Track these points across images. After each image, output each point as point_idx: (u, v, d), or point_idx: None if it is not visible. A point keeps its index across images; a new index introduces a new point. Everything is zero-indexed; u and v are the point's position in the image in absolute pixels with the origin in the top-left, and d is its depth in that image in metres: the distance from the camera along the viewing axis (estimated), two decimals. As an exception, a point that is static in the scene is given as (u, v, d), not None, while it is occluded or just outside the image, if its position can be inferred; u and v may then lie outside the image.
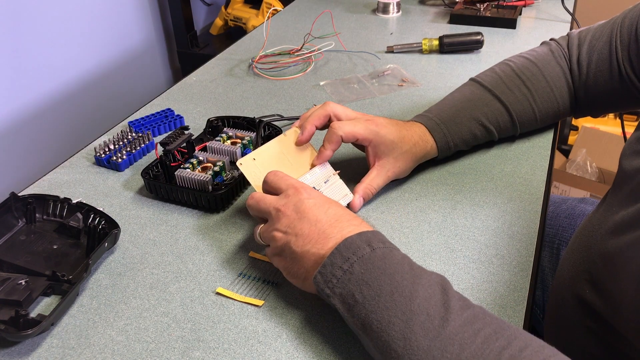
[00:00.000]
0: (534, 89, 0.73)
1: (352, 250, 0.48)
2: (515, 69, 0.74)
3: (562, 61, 0.75)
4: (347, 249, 0.48)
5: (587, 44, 0.73)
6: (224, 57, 1.09)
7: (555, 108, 0.75)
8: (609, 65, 0.71)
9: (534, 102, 0.73)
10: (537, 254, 0.60)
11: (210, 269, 0.60)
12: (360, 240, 0.49)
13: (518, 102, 0.73)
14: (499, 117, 0.72)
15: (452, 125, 0.70)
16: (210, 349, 0.51)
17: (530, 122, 0.75)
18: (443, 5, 1.30)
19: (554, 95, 0.74)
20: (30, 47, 1.44)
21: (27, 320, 0.51)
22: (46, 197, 0.65)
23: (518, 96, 0.73)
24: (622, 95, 0.72)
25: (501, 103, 0.72)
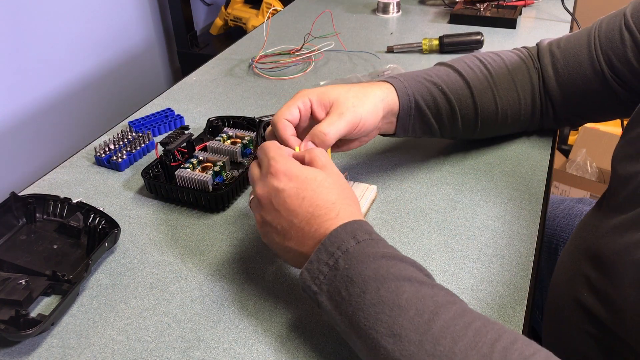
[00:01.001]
0: (496, 74, 0.71)
1: (336, 244, 0.46)
2: (480, 57, 0.73)
3: (529, 62, 0.73)
4: (331, 243, 0.47)
5: (560, 50, 0.71)
6: (224, 57, 1.09)
7: (516, 101, 0.71)
8: (591, 69, 0.69)
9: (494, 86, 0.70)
10: (537, 254, 0.60)
11: (210, 269, 0.60)
12: (345, 233, 0.47)
13: (479, 82, 0.70)
14: (459, 90, 0.69)
15: (411, 81, 0.67)
16: (210, 349, 0.51)
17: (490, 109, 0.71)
18: (443, 5, 1.30)
19: (515, 87, 0.71)
20: (30, 47, 1.44)
21: (27, 320, 0.51)
22: (46, 197, 0.65)
23: (480, 77, 0.70)
24: (603, 99, 0.70)
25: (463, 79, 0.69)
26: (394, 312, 0.42)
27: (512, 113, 0.72)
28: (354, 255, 0.46)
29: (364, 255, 0.46)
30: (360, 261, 0.45)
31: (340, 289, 0.45)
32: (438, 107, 0.68)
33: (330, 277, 0.46)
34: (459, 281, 0.56)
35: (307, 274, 0.47)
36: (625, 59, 0.66)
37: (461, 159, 0.75)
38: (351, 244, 0.46)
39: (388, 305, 0.42)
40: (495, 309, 0.53)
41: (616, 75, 0.67)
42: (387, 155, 0.76)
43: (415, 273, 0.45)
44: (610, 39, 0.67)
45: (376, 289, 0.43)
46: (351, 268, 0.45)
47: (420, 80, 0.68)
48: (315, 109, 0.59)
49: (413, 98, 0.66)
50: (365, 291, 0.44)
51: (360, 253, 0.46)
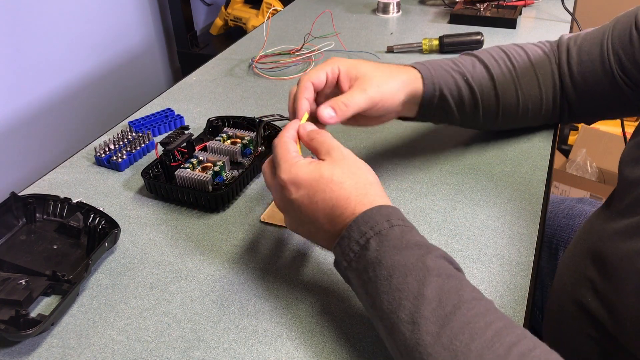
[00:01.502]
0: (520, 68, 0.72)
1: (370, 224, 0.46)
2: (505, 50, 0.74)
3: (552, 57, 0.73)
4: (364, 222, 0.47)
5: (577, 46, 0.72)
6: (224, 57, 1.09)
7: (538, 97, 0.72)
8: (601, 68, 0.69)
9: (517, 80, 0.71)
10: (537, 254, 0.60)
11: (210, 269, 0.60)
12: (380, 215, 0.47)
13: (502, 75, 0.71)
14: (483, 82, 0.70)
15: (438, 69, 0.68)
16: (210, 349, 0.51)
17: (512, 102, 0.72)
18: (443, 5, 1.30)
19: (538, 82, 0.72)
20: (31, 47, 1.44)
21: (27, 320, 0.51)
22: (46, 197, 0.65)
23: (504, 70, 0.71)
24: (613, 98, 0.70)
25: (487, 71, 0.70)
26: (417, 301, 0.42)
27: (534, 107, 0.73)
28: (387, 238, 0.46)
29: (397, 239, 0.46)
30: (392, 245, 0.45)
31: (368, 269, 0.45)
32: (462, 97, 0.69)
33: (360, 255, 0.46)
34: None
35: (339, 249, 0.48)
36: (634, 59, 0.66)
37: (461, 159, 0.75)
38: (384, 226, 0.46)
39: (412, 293, 0.42)
40: (495, 309, 0.53)
41: (625, 75, 0.68)
42: (388, 156, 0.76)
43: (445, 265, 0.45)
44: (622, 38, 0.68)
45: (404, 275, 0.44)
46: (382, 250, 0.45)
47: (448, 69, 0.69)
48: (342, 79, 0.60)
49: (438, 87, 0.67)
50: (393, 275, 0.44)
51: (393, 237, 0.46)
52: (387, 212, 0.48)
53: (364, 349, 0.50)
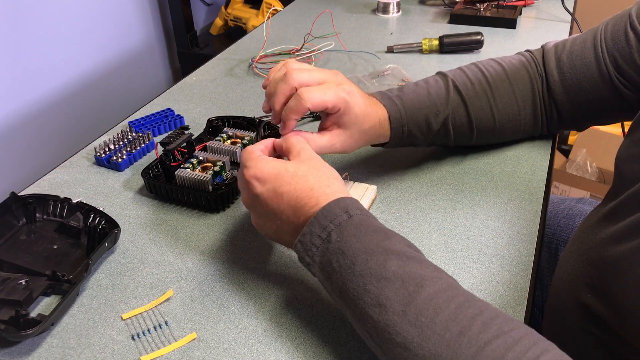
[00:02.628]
0: (496, 88, 0.70)
1: (329, 218, 0.48)
2: (482, 67, 0.73)
3: (532, 68, 0.72)
4: (324, 217, 0.48)
5: (567, 52, 0.71)
6: (224, 57, 1.09)
7: (516, 114, 0.71)
8: (597, 71, 0.68)
9: (493, 101, 0.70)
10: (537, 254, 0.60)
11: (210, 269, 0.60)
12: (338, 208, 0.49)
13: (477, 98, 0.70)
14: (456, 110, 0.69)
15: (411, 109, 0.67)
16: (210, 349, 0.51)
17: (487, 124, 0.71)
18: (443, 5, 1.30)
19: (516, 99, 0.71)
20: (30, 47, 1.44)
21: (27, 320, 0.51)
22: (46, 197, 0.65)
23: (479, 93, 0.70)
24: (610, 102, 0.69)
25: (461, 97, 0.69)
26: (380, 284, 0.44)
27: (512, 125, 0.72)
28: (346, 229, 0.47)
29: (356, 228, 0.47)
30: (352, 234, 0.47)
31: (332, 261, 0.47)
32: (431, 129, 0.69)
33: (322, 249, 0.48)
34: (459, 281, 0.56)
35: (301, 246, 0.49)
36: (631, 60, 0.66)
37: (461, 159, 0.75)
38: (343, 218, 0.48)
39: (375, 277, 0.44)
40: (495, 309, 0.53)
41: (622, 77, 0.67)
42: (387, 155, 0.76)
43: (404, 248, 0.47)
44: (616, 40, 0.67)
45: (365, 260, 0.45)
46: (342, 241, 0.47)
47: (421, 106, 0.67)
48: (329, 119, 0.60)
49: (407, 129, 0.67)
50: (355, 263, 0.45)
51: (352, 226, 0.47)
52: (344, 204, 0.49)
53: (364, 349, 0.50)
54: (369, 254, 0.45)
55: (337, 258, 0.46)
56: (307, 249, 0.49)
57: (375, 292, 0.44)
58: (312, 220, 0.48)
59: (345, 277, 0.46)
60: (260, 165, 0.52)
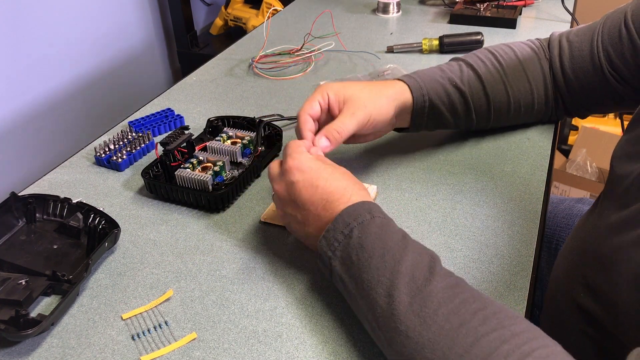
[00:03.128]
0: (507, 66, 0.73)
1: (353, 216, 0.51)
2: (493, 50, 0.75)
3: (540, 52, 0.75)
4: (348, 215, 0.52)
5: (568, 42, 0.73)
6: (224, 57, 1.09)
7: (529, 92, 0.73)
8: (591, 64, 0.71)
9: (506, 78, 0.72)
10: (537, 254, 0.60)
11: (210, 269, 0.60)
12: (362, 209, 0.52)
13: (490, 75, 0.72)
14: (472, 83, 0.71)
15: (426, 79, 0.70)
16: (210, 349, 0.51)
17: (502, 100, 0.73)
18: (443, 5, 1.30)
19: (527, 78, 0.73)
20: (30, 47, 1.44)
21: (27, 320, 0.51)
22: (46, 197, 0.65)
23: (492, 70, 0.72)
24: (603, 93, 0.72)
25: (475, 73, 0.72)
26: (392, 276, 0.47)
27: (525, 103, 0.74)
28: (368, 227, 0.51)
29: (378, 228, 0.51)
30: (372, 232, 0.50)
31: (352, 254, 0.50)
32: (452, 102, 0.71)
33: (344, 244, 0.51)
34: (459, 281, 0.56)
35: (324, 241, 0.52)
36: (622, 56, 0.68)
37: (461, 159, 0.75)
38: (367, 218, 0.51)
39: (389, 270, 0.47)
40: (495, 309, 0.53)
41: (614, 71, 0.70)
42: (387, 155, 0.76)
43: (420, 247, 0.50)
44: (611, 35, 0.69)
45: (381, 255, 0.48)
46: (363, 237, 0.50)
47: (435, 77, 0.71)
48: (332, 105, 0.64)
49: (427, 97, 0.69)
50: (372, 256, 0.48)
51: (374, 226, 0.51)
52: (369, 206, 0.53)
53: (364, 349, 0.50)
54: (386, 249, 0.49)
55: (357, 252, 0.49)
56: (330, 243, 0.51)
57: (387, 283, 0.46)
58: (337, 217, 0.52)
59: (362, 269, 0.48)
60: (303, 158, 0.56)
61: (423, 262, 0.48)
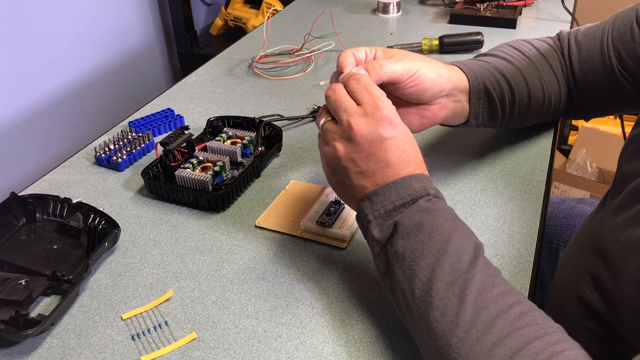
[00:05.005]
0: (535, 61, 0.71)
1: (407, 191, 0.50)
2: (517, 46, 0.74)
3: (557, 50, 0.74)
4: (403, 188, 0.50)
5: (577, 42, 0.73)
6: (224, 57, 1.09)
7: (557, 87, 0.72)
8: (601, 63, 0.70)
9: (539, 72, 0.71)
10: (537, 254, 0.60)
11: (210, 269, 0.60)
12: (418, 184, 0.50)
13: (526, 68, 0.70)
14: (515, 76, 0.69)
15: (474, 65, 0.67)
16: (210, 349, 0.51)
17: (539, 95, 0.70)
18: (443, 5, 1.30)
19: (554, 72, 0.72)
20: (30, 47, 1.44)
21: (27, 320, 0.51)
22: (46, 197, 0.65)
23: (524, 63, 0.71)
24: (613, 94, 0.71)
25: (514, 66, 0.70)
26: (439, 254, 0.46)
27: (555, 99, 0.73)
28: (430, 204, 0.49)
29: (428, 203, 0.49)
30: (423, 209, 0.49)
31: (397, 222, 0.48)
32: (502, 91, 0.68)
33: (389, 211, 0.49)
34: (459, 281, 0.56)
35: (369, 203, 0.50)
36: (635, 54, 0.67)
37: (461, 159, 0.75)
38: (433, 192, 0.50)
39: (435, 247, 0.47)
40: (495, 309, 0.53)
41: (625, 70, 0.68)
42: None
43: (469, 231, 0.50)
44: (622, 33, 0.68)
45: (430, 230, 0.48)
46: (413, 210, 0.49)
47: (483, 64, 0.68)
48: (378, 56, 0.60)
49: (481, 81, 0.66)
50: (420, 230, 0.48)
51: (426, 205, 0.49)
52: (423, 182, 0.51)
53: (364, 349, 0.50)
54: (436, 226, 0.48)
55: (403, 221, 0.48)
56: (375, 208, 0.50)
57: (431, 258, 0.46)
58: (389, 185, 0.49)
59: (406, 239, 0.48)
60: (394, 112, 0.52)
61: (469, 246, 0.47)
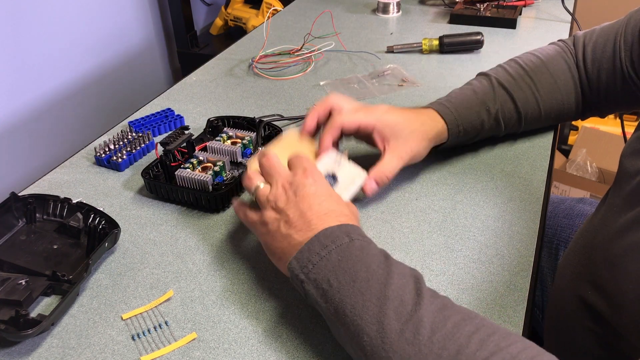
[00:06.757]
0: (538, 80, 0.73)
1: (331, 239, 0.49)
2: (521, 62, 0.75)
3: (569, 58, 0.75)
4: (326, 237, 0.49)
5: (591, 43, 0.73)
6: (224, 57, 1.09)
7: (560, 102, 0.74)
8: (612, 64, 0.71)
9: (537, 93, 0.73)
10: (537, 254, 0.60)
11: (210, 269, 0.60)
12: (340, 231, 0.50)
13: (522, 91, 0.72)
14: (504, 105, 0.72)
15: (461, 109, 0.70)
16: (210, 349, 0.51)
17: (534, 114, 0.74)
18: (443, 5, 1.30)
19: (558, 88, 0.73)
20: (30, 47, 1.44)
21: (27, 320, 0.51)
22: (46, 197, 0.65)
23: (522, 86, 0.73)
24: (624, 95, 0.72)
25: (507, 92, 0.72)
26: (380, 302, 0.44)
27: (556, 112, 0.75)
28: (348, 250, 0.48)
29: (358, 250, 0.48)
30: (353, 254, 0.48)
31: (330, 278, 0.47)
32: (484, 128, 0.72)
33: (320, 266, 0.48)
34: (459, 281, 0.56)
35: (296, 262, 0.49)
36: None
37: (461, 159, 0.75)
38: (345, 241, 0.49)
39: (375, 295, 0.44)
40: (495, 309, 0.53)
41: (634, 72, 0.69)
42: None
43: (404, 268, 0.48)
44: (634, 34, 0.69)
45: (366, 279, 0.46)
46: (344, 260, 0.47)
47: (470, 104, 0.71)
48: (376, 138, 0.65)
49: (462, 128, 0.70)
50: (355, 280, 0.46)
51: (354, 248, 0.48)
52: (346, 229, 0.50)
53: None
54: (370, 273, 0.46)
55: (337, 275, 0.46)
56: (303, 265, 0.48)
57: (374, 310, 0.44)
58: (312, 239, 0.49)
59: (344, 293, 0.46)
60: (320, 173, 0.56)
61: (409, 284, 0.45)
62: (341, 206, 0.54)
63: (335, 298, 0.46)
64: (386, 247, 0.61)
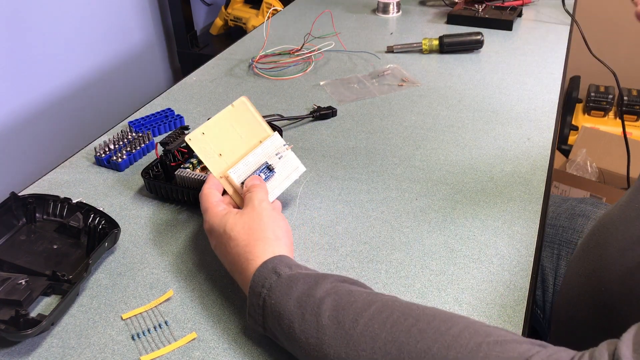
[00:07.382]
0: None
1: (260, 283, 0.49)
2: None
3: None
4: (256, 284, 0.49)
5: None
6: (224, 57, 1.09)
7: None
8: None
9: None
10: (537, 254, 0.60)
11: (210, 269, 0.60)
12: (267, 270, 0.50)
13: None
14: None
15: None
16: (210, 349, 0.51)
17: None
18: (443, 6, 1.30)
19: None
20: (30, 47, 1.44)
21: (27, 320, 0.51)
22: (46, 197, 0.65)
23: None
24: None
25: None
26: (319, 334, 0.44)
27: None
28: (278, 289, 0.48)
29: (286, 286, 0.48)
30: (283, 294, 0.48)
31: (273, 326, 0.48)
32: None
33: (264, 316, 0.48)
34: (459, 281, 0.56)
35: (250, 318, 0.50)
36: None
37: (461, 159, 0.75)
38: (273, 279, 0.49)
39: (314, 328, 0.45)
40: (495, 309, 0.53)
41: None
42: (388, 155, 0.76)
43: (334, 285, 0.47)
44: None
45: (301, 316, 0.46)
46: (277, 304, 0.47)
47: None
48: None
49: None
50: (293, 321, 0.46)
51: (282, 286, 0.48)
52: (272, 264, 0.50)
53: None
54: (303, 307, 0.46)
55: (278, 322, 0.47)
56: (256, 320, 0.49)
57: (316, 343, 0.44)
58: (250, 291, 0.49)
59: (289, 337, 0.46)
60: (212, 221, 0.56)
61: (342, 299, 0.45)
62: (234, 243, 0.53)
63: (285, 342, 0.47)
64: (386, 247, 0.61)
